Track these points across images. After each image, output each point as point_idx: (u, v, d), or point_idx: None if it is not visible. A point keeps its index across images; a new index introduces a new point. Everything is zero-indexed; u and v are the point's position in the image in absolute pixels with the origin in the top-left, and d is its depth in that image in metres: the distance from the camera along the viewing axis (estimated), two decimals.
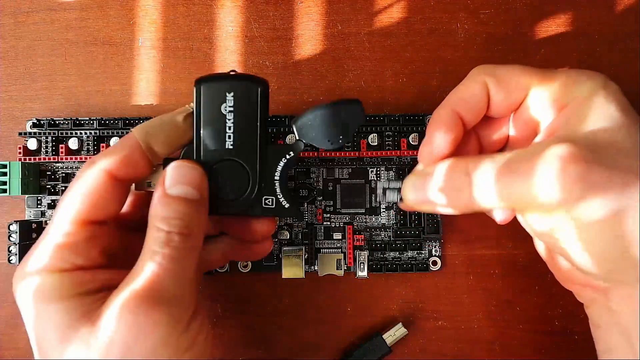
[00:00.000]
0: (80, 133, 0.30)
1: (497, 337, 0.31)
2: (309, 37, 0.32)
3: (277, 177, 0.24)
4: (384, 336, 0.30)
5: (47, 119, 0.30)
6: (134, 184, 0.24)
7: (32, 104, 0.32)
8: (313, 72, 0.32)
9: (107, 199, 0.22)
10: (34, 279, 0.20)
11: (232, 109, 0.23)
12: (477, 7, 0.32)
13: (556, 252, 0.23)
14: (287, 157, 0.24)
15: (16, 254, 0.29)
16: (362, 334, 0.31)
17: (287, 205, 0.25)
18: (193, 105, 0.23)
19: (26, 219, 0.30)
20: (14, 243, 0.29)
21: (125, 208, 0.25)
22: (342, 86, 0.32)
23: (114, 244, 0.23)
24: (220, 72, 0.24)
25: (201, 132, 0.23)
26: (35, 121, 0.30)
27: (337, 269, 0.30)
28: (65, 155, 0.30)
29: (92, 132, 0.30)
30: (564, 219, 0.19)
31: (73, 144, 0.30)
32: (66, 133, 0.30)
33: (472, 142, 0.25)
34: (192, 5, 0.32)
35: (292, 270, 0.30)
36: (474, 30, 0.32)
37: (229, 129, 0.23)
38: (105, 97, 0.32)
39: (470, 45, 0.32)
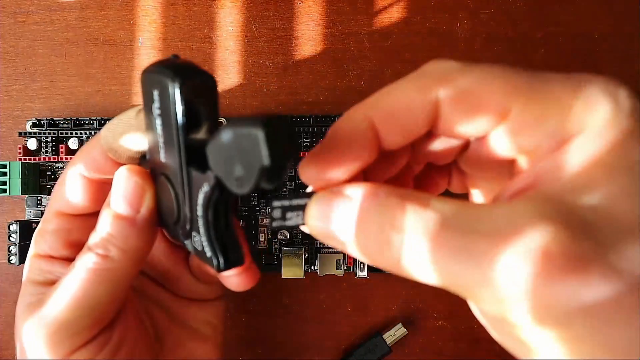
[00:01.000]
0: (80, 133, 0.30)
1: None
2: (309, 37, 0.32)
3: (199, 214, 0.17)
4: (384, 336, 0.30)
5: (47, 119, 0.30)
6: None
7: (32, 104, 0.32)
8: (313, 72, 0.32)
9: (75, 193, 0.21)
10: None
11: (159, 111, 0.17)
12: (477, 7, 0.32)
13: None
14: (204, 189, 0.17)
15: (16, 254, 0.29)
16: (362, 334, 0.31)
17: (208, 255, 0.18)
18: None
19: (26, 219, 0.30)
20: (14, 243, 0.29)
21: None
22: (342, 86, 0.32)
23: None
24: (164, 58, 0.18)
25: (149, 133, 0.19)
26: (35, 121, 0.30)
27: (337, 269, 0.30)
28: (65, 155, 0.30)
29: (92, 132, 0.30)
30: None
31: (73, 144, 0.30)
32: (66, 133, 0.30)
33: (402, 150, 0.18)
34: (192, 5, 0.32)
35: (292, 270, 0.30)
36: (474, 30, 0.32)
37: (160, 136, 0.18)
38: (105, 97, 0.32)
39: (470, 45, 0.32)
